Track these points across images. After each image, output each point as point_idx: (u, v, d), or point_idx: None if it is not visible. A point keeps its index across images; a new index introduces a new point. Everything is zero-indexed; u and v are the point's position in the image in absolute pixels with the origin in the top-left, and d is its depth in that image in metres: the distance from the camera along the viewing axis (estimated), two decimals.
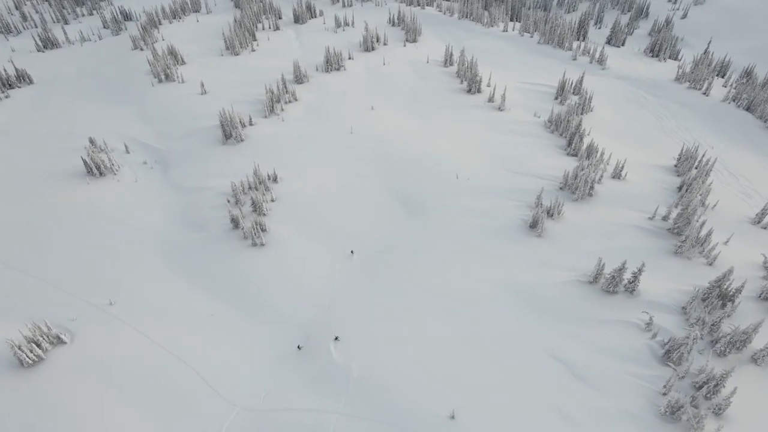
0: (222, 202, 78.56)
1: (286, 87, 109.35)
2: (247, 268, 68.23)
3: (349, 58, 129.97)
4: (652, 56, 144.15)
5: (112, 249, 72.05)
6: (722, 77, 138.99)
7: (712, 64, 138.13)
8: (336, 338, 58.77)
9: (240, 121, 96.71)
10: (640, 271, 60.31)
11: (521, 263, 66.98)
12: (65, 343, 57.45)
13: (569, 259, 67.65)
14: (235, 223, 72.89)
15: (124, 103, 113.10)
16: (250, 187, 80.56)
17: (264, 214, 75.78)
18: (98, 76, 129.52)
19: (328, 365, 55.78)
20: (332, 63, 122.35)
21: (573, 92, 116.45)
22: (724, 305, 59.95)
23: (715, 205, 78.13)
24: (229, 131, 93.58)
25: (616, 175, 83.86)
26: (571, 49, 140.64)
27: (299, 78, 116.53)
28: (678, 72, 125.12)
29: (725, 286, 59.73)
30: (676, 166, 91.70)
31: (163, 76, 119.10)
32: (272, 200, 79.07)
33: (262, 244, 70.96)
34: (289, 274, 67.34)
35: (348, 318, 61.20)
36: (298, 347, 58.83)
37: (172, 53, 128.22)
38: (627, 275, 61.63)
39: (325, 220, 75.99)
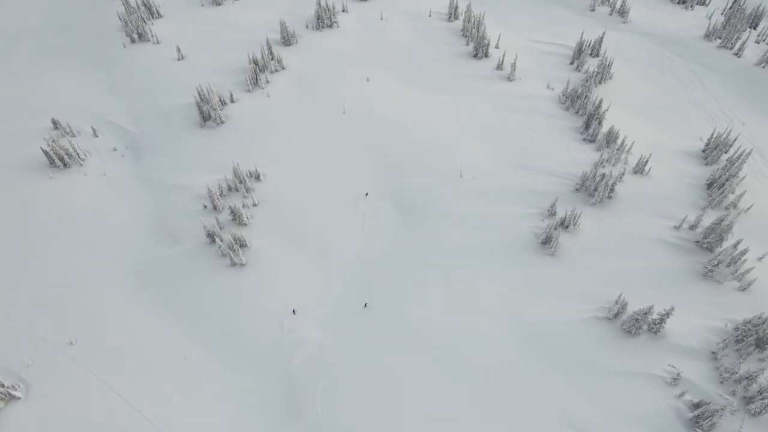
0: (198, 207, 70.28)
1: (271, 53, 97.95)
2: (225, 295, 60.94)
3: (343, 11, 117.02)
4: (678, 2, 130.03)
5: (75, 267, 64.51)
6: (754, 28, 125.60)
7: (746, 12, 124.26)
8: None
9: (220, 99, 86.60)
10: (667, 314, 52.98)
11: (532, 293, 59.60)
12: (19, 398, 51.13)
13: (586, 285, 60.26)
14: (212, 237, 64.92)
15: (92, 68, 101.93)
16: (229, 188, 72.01)
17: (245, 224, 67.70)
18: (65, 30, 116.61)
19: (314, 428, 49.64)
20: (324, 19, 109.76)
21: (591, 54, 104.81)
22: (761, 350, 53.07)
23: (749, 209, 69.71)
24: (208, 112, 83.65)
25: (639, 169, 74.92)
26: None
27: (287, 39, 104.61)
28: (708, 27, 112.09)
29: (763, 331, 52.61)
30: (704, 150, 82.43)
31: (136, 36, 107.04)
32: (254, 204, 70.70)
33: (242, 264, 63.38)
34: (272, 304, 60.11)
35: (338, 368, 54.48)
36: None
37: (147, 5, 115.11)
38: (652, 315, 54.25)
39: (314, 231, 68.08)
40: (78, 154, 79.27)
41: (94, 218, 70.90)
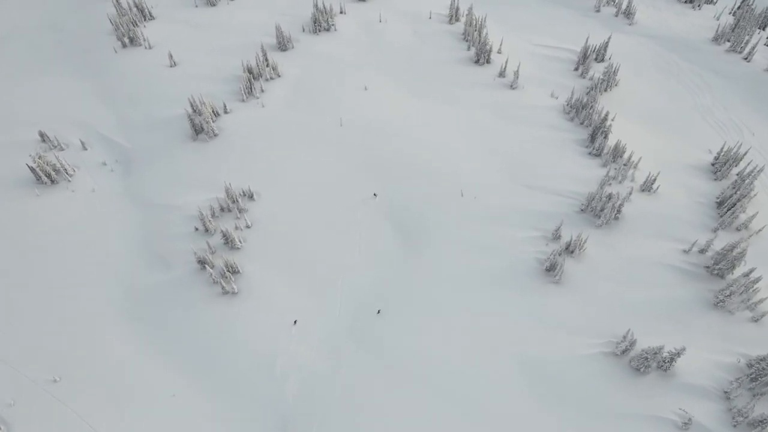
0: (189, 229, 67.70)
1: (266, 59, 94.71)
2: (216, 327, 58.57)
3: (341, 12, 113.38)
4: (686, 1, 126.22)
5: (61, 295, 62.13)
6: (764, 29, 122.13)
7: (755, 12, 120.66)
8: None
9: (213, 111, 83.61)
10: (678, 353, 50.57)
11: (536, 325, 57.26)
12: None
13: (592, 316, 57.92)
14: (203, 263, 62.43)
15: (82, 75, 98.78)
16: (222, 209, 69.39)
17: (237, 248, 65.17)
18: (57, 32, 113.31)
19: None
20: (321, 22, 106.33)
21: (596, 59, 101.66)
22: None
23: (760, 230, 67.13)
24: (200, 125, 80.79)
25: (647, 187, 72.27)
26: None
27: (282, 44, 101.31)
28: (717, 30, 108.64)
29: None
30: (713, 164, 79.75)
31: (127, 40, 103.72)
32: (247, 226, 68.13)
33: (234, 293, 60.90)
34: (265, 336, 57.77)
35: (334, 404, 52.44)
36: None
37: (139, 7, 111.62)
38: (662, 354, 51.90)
39: (309, 255, 65.60)
40: (66, 169, 76.58)
41: (82, 240, 68.42)
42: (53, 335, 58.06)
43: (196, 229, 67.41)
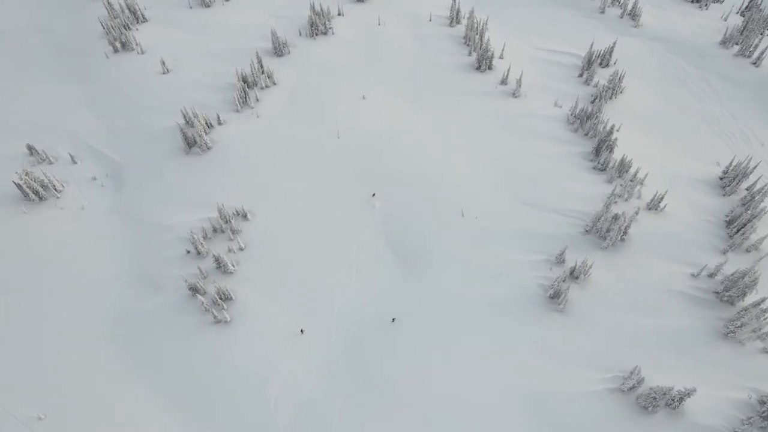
0: (181, 252, 65.47)
1: (262, 66, 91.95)
2: (207, 357, 56.50)
3: (339, 14, 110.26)
4: (692, 0, 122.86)
5: (48, 323, 60.04)
6: None
7: (763, 12, 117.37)
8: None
9: (206, 123, 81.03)
10: (688, 393, 48.57)
11: (540, 358, 55.26)
12: None
13: (597, 348, 55.96)
14: (194, 290, 60.27)
15: (73, 81, 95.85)
16: (214, 230, 67.14)
17: (230, 272, 62.97)
18: (49, 33, 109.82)
19: None
20: (318, 26, 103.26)
21: (601, 64, 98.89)
22: None
23: None
24: (193, 138, 78.26)
25: (653, 205, 70.00)
26: None
27: (278, 49, 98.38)
28: (725, 33, 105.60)
29: None
30: (722, 179, 77.43)
31: (119, 45, 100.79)
32: (241, 248, 65.92)
33: (227, 321, 58.76)
34: (259, 367, 55.74)
35: None
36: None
37: (131, 9, 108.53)
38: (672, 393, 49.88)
39: (305, 279, 63.45)
40: (54, 185, 74.20)
41: (70, 263, 66.17)
42: (38, 367, 55.99)
43: (188, 251, 65.18)
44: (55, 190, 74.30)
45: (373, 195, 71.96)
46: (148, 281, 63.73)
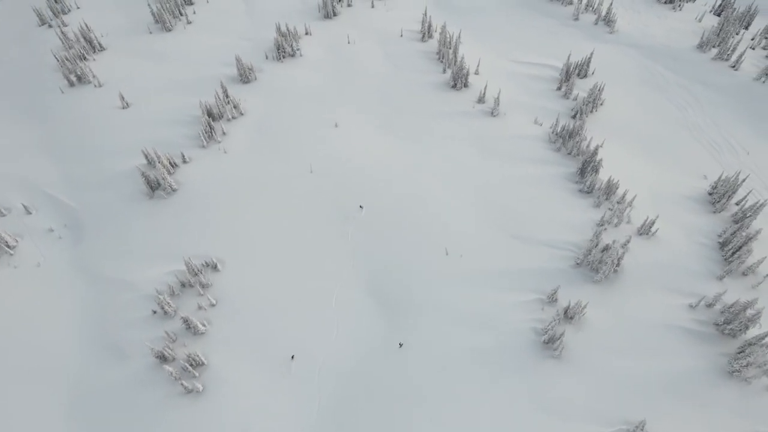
0: (146, 312, 60.82)
1: (227, 95, 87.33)
2: None
3: (306, 33, 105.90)
4: (665, 1, 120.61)
5: (0, 396, 54.95)
6: (746, 29, 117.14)
7: (738, 11, 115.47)
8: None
9: (170, 162, 76.29)
10: None
11: (536, 413, 51.67)
12: None
13: (598, 398, 52.62)
14: (162, 357, 55.74)
15: (25, 119, 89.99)
16: (182, 285, 62.61)
17: (201, 333, 58.53)
18: None
19: None
20: (284, 47, 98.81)
21: (579, 75, 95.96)
22: None
23: None
24: (156, 180, 73.51)
25: (645, 230, 67.10)
26: (571, 2, 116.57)
27: (244, 76, 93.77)
28: (702, 36, 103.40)
29: None
30: (710, 194, 74.89)
31: (74, 78, 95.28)
32: (212, 304, 61.45)
33: (199, 391, 54.28)
34: None
35: None
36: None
37: (87, 39, 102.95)
38: None
39: (281, 337, 59.12)
40: (6, 242, 68.94)
41: (25, 328, 61.24)
42: None
43: (154, 312, 60.53)
44: (8, 247, 69.04)
45: (360, 207, 71.35)
46: (111, 347, 58.89)
